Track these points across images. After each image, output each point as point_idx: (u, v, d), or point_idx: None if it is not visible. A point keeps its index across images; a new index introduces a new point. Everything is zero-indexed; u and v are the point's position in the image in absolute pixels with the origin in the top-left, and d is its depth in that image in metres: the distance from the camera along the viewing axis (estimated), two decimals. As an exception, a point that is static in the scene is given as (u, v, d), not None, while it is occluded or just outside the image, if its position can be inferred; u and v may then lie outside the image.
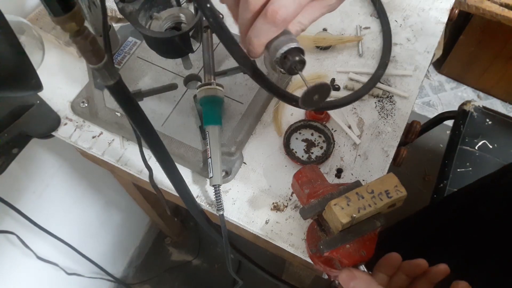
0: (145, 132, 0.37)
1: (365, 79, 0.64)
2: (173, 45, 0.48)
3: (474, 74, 1.74)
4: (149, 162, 0.58)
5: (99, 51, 0.28)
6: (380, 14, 0.69)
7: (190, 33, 0.48)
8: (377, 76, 0.62)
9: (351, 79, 0.64)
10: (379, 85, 0.63)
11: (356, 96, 0.60)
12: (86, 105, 0.60)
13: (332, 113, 0.61)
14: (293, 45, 0.36)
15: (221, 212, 0.52)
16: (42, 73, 0.51)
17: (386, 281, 0.43)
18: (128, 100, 0.33)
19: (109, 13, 0.68)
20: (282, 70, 0.37)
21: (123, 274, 1.42)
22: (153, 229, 1.51)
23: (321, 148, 0.58)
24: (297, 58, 0.36)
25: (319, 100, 0.37)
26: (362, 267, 0.42)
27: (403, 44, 0.68)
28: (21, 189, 0.82)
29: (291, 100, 0.42)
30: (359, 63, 0.66)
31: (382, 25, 0.69)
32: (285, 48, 0.35)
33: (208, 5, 0.33)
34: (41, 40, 0.63)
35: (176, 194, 0.48)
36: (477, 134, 1.03)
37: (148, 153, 0.53)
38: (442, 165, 1.01)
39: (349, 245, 0.41)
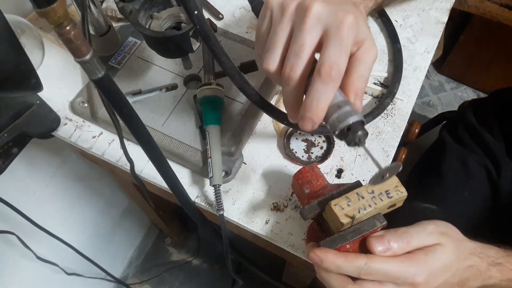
0: (134, 128, 0.36)
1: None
2: (173, 45, 0.48)
3: (474, 74, 1.74)
4: (148, 162, 0.58)
5: (84, 44, 0.28)
6: (394, 45, 0.67)
7: (190, 33, 0.48)
8: (385, 105, 0.60)
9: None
10: (379, 88, 0.63)
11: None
12: (86, 105, 0.60)
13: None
14: (356, 118, 0.35)
15: (221, 212, 0.51)
16: (42, 73, 0.51)
17: None
18: (116, 95, 0.32)
19: (109, 13, 0.68)
20: (341, 140, 0.36)
21: (123, 274, 1.42)
22: (153, 229, 1.51)
23: (321, 148, 0.58)
24: (360, 133, 0.35)
25: (388, 177, 0.35)
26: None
27: (403, 44, 0.68)
28: (21, 189, 0.82)
29: (282, 118, 0.44)
30: (359, 63, 0.66)
31: (394, 53, 0.66)
32: (348, 122, 0.35)
33: (196, 12, 0.33)
34: (41, 40, 0.63)
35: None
36: (477, 134, 1.03)
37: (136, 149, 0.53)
38: (442, 165, 1.01)
39: (349, 245, 0.41)
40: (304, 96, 0.37)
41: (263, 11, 0.40)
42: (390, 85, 0.62)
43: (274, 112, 0.45)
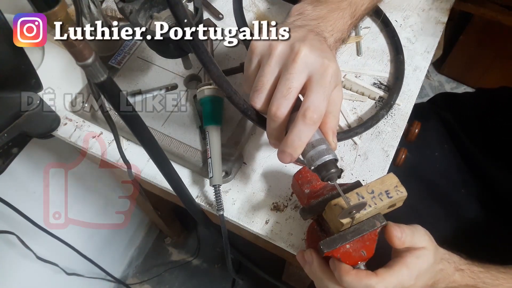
0: (138, 132, 0.36)
1: (364, 80, 0.64)
2: (173, 45, 0.48)
3: (474, 74, 1.74)
4: (148, 162, 0.58)
5: (86, 48, 0.28)
6: (398, 63, 0.65)
7: (190, 33, 0.48)
8: (379, 117, 0.60)
9: (350, 80, 0.64)
10: (377, 90, 0.63)
11: (350, 134, 0.58)
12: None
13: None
14: (328, 157, 0.39)
15: (221, 212, 0.51)
16: (42, 73, 0.52)
17: None
18: (119, 99, 0.32)
19: (109, 13, 0.68)
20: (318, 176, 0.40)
21: (123, 274, 1.42)
22: (153, 229, 1.51)
23: (321, 148, 0.58)
24: (333, 171, 0.39)
25: (355, 213, 0.39)
26: (362, 266, 0.42)
27: (403, 44, 0.68)
28: (21, 189, 0.82)
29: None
30: (359, 63, 0.66)
31: (396, 64, 0.65)
32: (322, 160, 0.39)
33: (185, 21, 0.33)
34: (41, 40, 0.63)
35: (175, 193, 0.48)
36: (477, 134, 1.03)
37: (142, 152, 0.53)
38: (442, 165, 1.01)
39: (349, 245, 0.41)
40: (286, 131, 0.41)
41: (249, 53, 0.43)
42: (388, 97, 0.62)
43: (264, 123, 0.45)
